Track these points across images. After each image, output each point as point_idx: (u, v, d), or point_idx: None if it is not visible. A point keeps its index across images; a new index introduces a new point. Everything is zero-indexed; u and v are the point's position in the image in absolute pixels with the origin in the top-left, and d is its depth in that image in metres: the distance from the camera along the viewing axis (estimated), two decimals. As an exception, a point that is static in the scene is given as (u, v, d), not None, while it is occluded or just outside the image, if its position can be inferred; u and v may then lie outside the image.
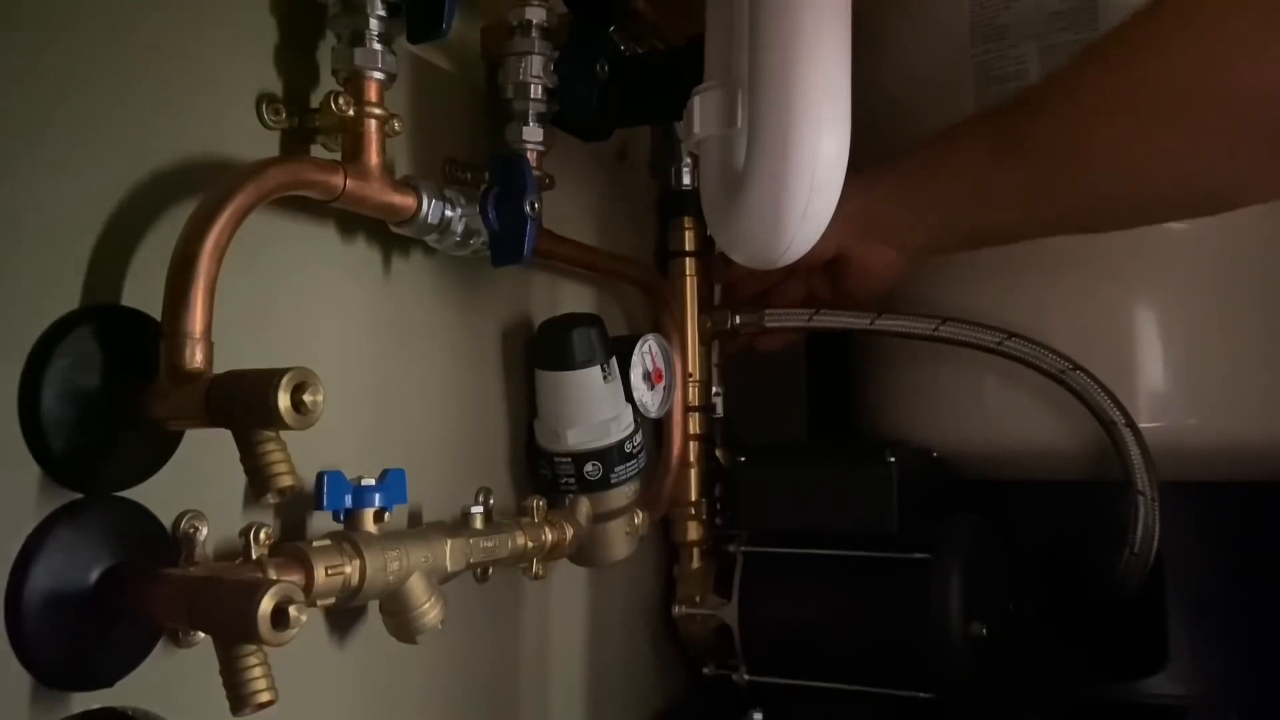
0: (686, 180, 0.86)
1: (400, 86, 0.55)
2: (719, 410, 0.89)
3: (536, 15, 0.61)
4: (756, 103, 0.49)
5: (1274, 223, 0.78)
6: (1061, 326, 0.78)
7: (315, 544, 0.45)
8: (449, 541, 0.53)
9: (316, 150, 0.51)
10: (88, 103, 0.40)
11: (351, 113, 0.49)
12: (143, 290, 0.41)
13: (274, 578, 0.42)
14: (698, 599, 0.85)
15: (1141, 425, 0.75)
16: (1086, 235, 0.73)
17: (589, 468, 0.66)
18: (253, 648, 0.37)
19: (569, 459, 0.66)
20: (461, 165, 0.61)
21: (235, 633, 0.36)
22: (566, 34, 0.63)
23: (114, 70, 0.42)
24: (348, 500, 0.50)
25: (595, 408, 0.66)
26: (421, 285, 0.60)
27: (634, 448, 0.68)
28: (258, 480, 0.38)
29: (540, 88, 0.62)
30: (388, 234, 0.55)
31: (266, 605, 0.35)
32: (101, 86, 0.41)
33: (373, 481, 0.51)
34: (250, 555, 0.43)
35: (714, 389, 0.88)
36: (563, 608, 0.74)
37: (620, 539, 0.70)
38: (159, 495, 0.42)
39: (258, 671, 0.38)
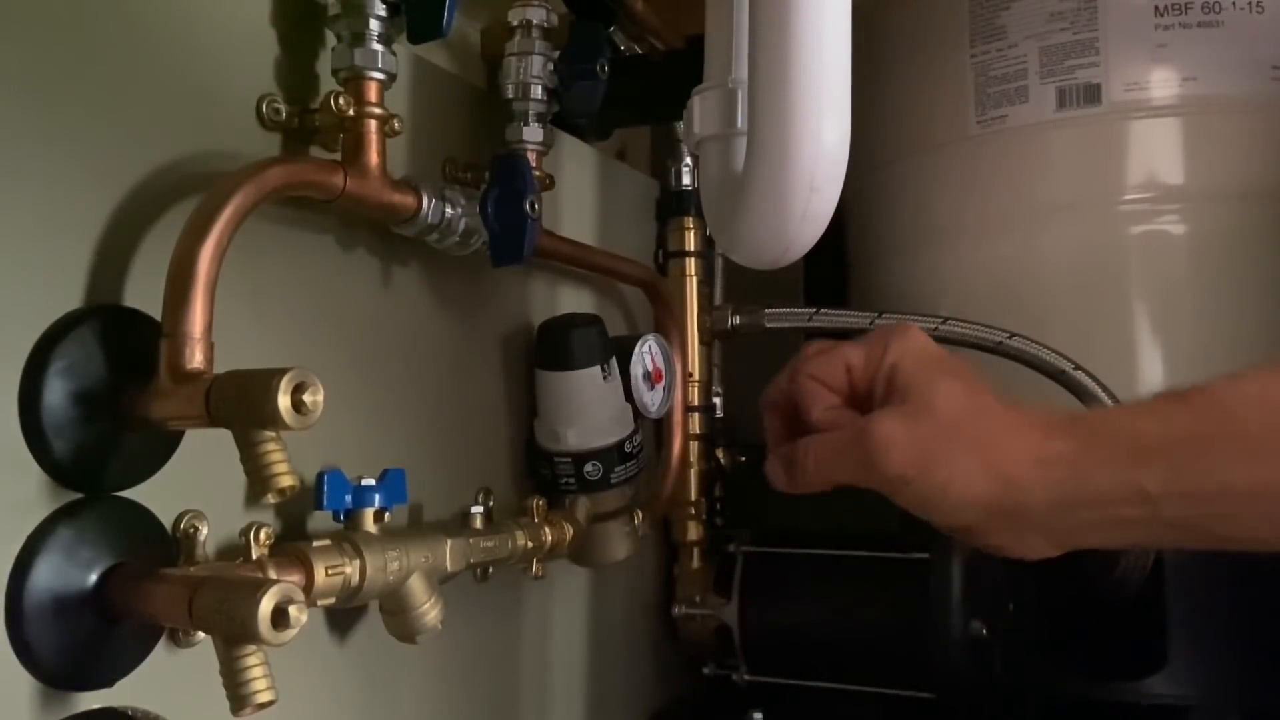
0: (686, 180, 0.86)
1: (400, 86, 0.55)
2: (719, 410, 0.89)
3: (536, 15, 0.61)
4: (756, 103, 0.49)
5: (1276, 223, 0.78)
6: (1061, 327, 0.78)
7: (315, 544, 0.45)
8: (449, 541, 0.53)
9: (316, 150, 0.51)
10: (89, 102, 0.40)
11: (351, 113, 0.49)
12: (143, 290, 0.41)
13: (274, 578, 0.42)
14: (698, 599, 0.85)
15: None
16: (1083, 242, 0.72)
17: (589, 468, 0.66)
18: (253, 648, 0.37)
19: (569, 459, 0.66)
20: (461, 165, 0.61)
21: (235, 633, 0.36)
22: (566, 34, 0.63)
23: (115, 70, 0.42)
24: (348, 500, 0.50)
25: (595, 408, 0.66)
26: (421, 285, 0.60)
27: (634, 448, 0.68)
28: (258, 480, 0.38)
29: (540, 88, 0.62)
30: (388, 234, 0.55)
31: (266, 605, 0.35)
32: (102, 86, 0.41)
33: (373, 481, 0.51)
34: (250, 555, 0.43)
35: (714, 389, 0.88)
36: (563, 608, 0.74)
37: (620, 539, 0.70)
38: (159, 495, 0.42)
39: (258, 671, 0.38)
